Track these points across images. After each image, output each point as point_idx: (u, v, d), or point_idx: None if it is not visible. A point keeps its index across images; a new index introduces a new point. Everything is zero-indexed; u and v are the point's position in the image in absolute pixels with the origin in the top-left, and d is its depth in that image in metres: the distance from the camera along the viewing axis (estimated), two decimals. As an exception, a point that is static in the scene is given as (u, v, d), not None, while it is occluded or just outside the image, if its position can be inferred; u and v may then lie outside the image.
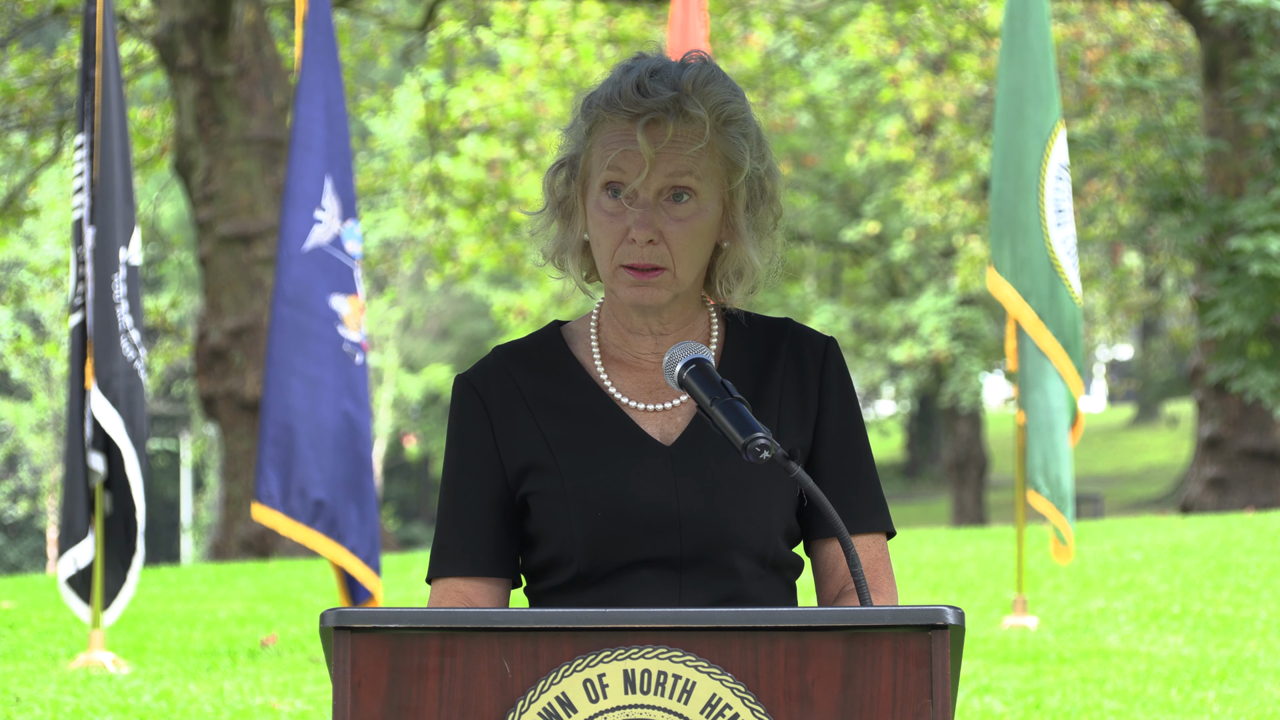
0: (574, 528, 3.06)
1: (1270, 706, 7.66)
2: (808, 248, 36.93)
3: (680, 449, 3.10)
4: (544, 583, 3.13)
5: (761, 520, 3.08)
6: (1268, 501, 21.37)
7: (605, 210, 3.07)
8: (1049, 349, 10.00)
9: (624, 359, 3.17)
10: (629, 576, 3.06)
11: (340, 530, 9.02)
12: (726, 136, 3.07)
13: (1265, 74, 20.57)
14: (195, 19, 18.59)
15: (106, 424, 8.92)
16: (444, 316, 48.82)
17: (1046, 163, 10.10)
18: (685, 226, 3.06)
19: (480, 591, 3.12)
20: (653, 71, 3.06)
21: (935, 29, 25.47)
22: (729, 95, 3.08)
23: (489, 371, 3.17)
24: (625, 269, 3.07)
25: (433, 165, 26.01)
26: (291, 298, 9.15)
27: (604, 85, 3.09)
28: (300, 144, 9.30)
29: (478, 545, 3.12)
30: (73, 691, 8.17)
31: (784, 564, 3.14)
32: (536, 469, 3.10)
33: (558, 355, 3.18)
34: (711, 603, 3.06)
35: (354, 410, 9.16)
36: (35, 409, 43.45)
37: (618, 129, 3.05)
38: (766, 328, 3.20)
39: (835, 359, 3.19)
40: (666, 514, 3.06)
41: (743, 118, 3.09)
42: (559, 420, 3.12)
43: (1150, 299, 37.66)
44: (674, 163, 3.04)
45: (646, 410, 3.14)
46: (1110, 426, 54.33)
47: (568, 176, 3.14)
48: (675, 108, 3.03)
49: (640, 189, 3.04)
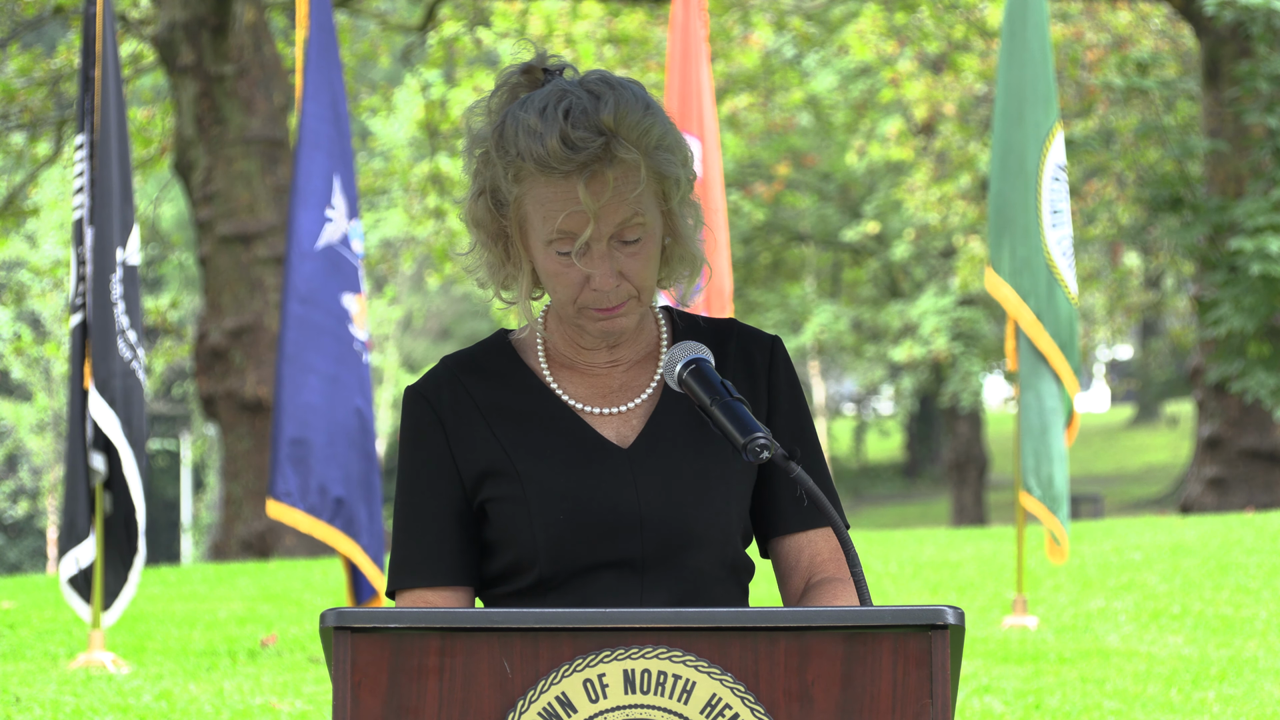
0: (535, 532, 3.05)
1: (1270, 706, 7.66)
2: (808, 248, 36.93)
3: (638, 451, 3.10)
4: (503, 588, 3.12)
5: (722, 519, 3.09)
6: (1268, 501, 21.37)
7: (559, 263, 3.03)
8: (1046, 349, 10.00)
9: (575, 365, 3.15)
10: (590, 580, 3.06)
11: (356, 529, 9.04)
12: (657, 160, 3.02)
13: (1265, 74, 20.58)
14: (195, 19, 18.59)
15: (104, 424, 8.91)
16: (444, 316, 48.83)
17: (1044, 163, 10.10)
18: (640, 259, 3.03)
19: (445, 600, 3.10)
20: (569, 116, 2.97)
21: (935, 29, 25.47)
22: (647, 115, 3.00)
23: (440, 381, 3.16)
24: (591, 309, 3.05)
25: (433, 165, 26.01)
26: (305, 295, 9.14)
27: (520, 127, 2.99)
28: (309, 142, 9.29)
29: (438, 554, 3.10)
30: (73, 691, 8.17)
31: (741, 565, 3.15)
32: (494, 475, 3.09)
33: (508, 363, 3.17)
34: (672, 602, 3.06)
35: (364, 408, 9.17)
36: (35, 409, 43.46)
37: (553, 188, 2.98)
38: (713, 329, 3.21)
39: (782, 357, 3.20)
40: (628, 515, 3.06)
41: (664, 132, 3.03)
42: (514, 426, 3.11)
43: (1150, 299, 37.67)
44: (619, 211, 2.99)
45: (601, 414, 3.13)
46: (1110, 426, 54.33)
47: (492, 204, 3.07)
48: (608, 155, 2.97)
49: (594, 242, 3.00)
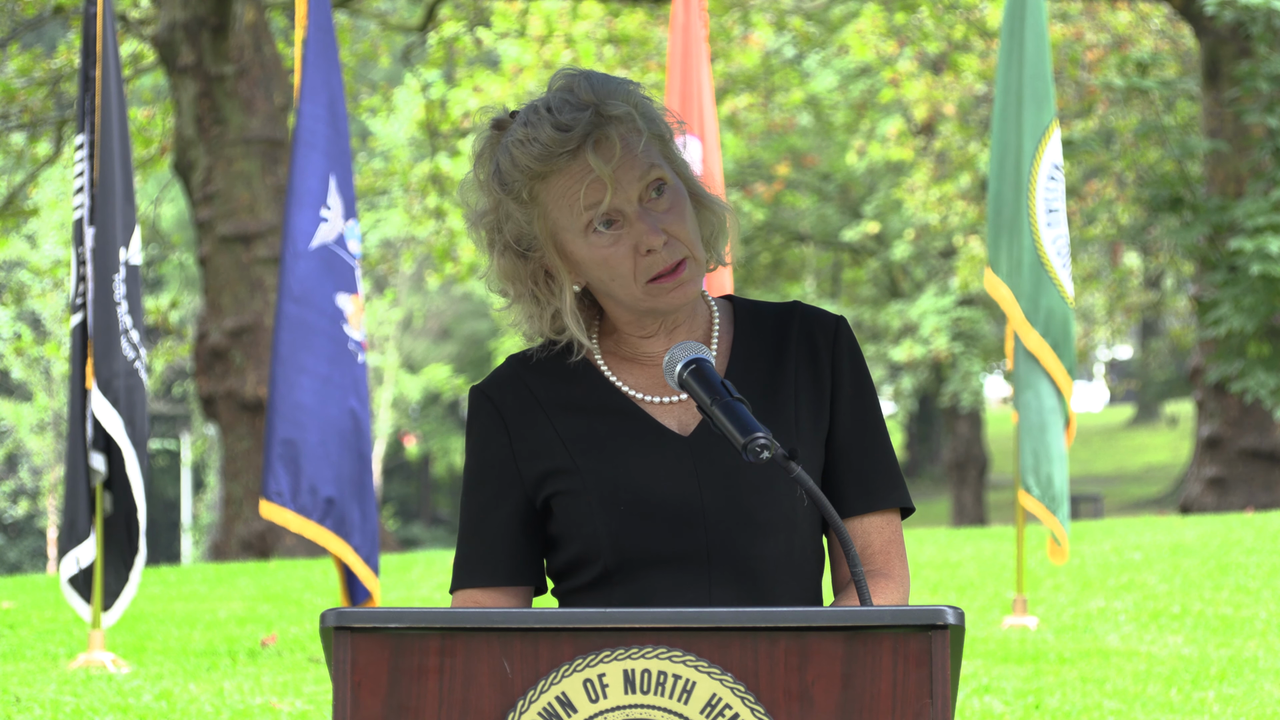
0: (598, 524, 3.07)
1: (1270, 706, 7.66)
2: (808, 248, 36.93)
3: (698, 439, 3.11)
4: (570, 582, 3.14)
5: (785, 505, 3.09)
6: (1268, 501, 21.37)
7: (603, 246, 3.06)
8: (1035, 348, 10.00)
9: (632, 357, 3.18)
10: (657, 572, 3.07)
11: (347, 529, 9.03)
12: (648, 116, 3.08)
13: (1265, 74, 20.57)
14: (195, 19, 18.59)
15: (107, 424, 8.92)
16: (444, 316, 48.81)
17: (1039, 162, 10.10)
18: (676, 211, 3.07)
19: (499, 601, 3.13)
20: (550, 110, 3.04)
21: (935, 29, 25.47)
22: (620, 84, 3.08)
23: (503, 380, 3.19)
24: (654, 281, 3.07)
25: (433, 165, 26.01)
26: (299, 296, 9.15)
27: (516, 146, 3.05)
28: (305, 142, 9.29)
29: (497, 555, 3.13)
30: (73, 691, 8.17)
31: (813, 553, 3.14)
32: (556, 472, 3.11)
33: (569, 359, 3.19)
34: (741, 595, 3.07)
35: (358, 409, 9.17)
36: (35, 409, 43.45)
37: (565, 174, 3.04)
38: (775, 313, 3.22)
39: (846, 337, 3.19)
40: (690, 504, 3.07)
41: (639, 96, 3.10)
42: (575, 420, 3.13)
43: (1150, 299, 37.67)
44: (635, 166, 3.04)
45: (661, 403, 3.15)
46: (1110, 426, 54.33)
47: (520, 254, 3.12)
48: (601, 119, 3.02)
49: (624, 206, 3.04)
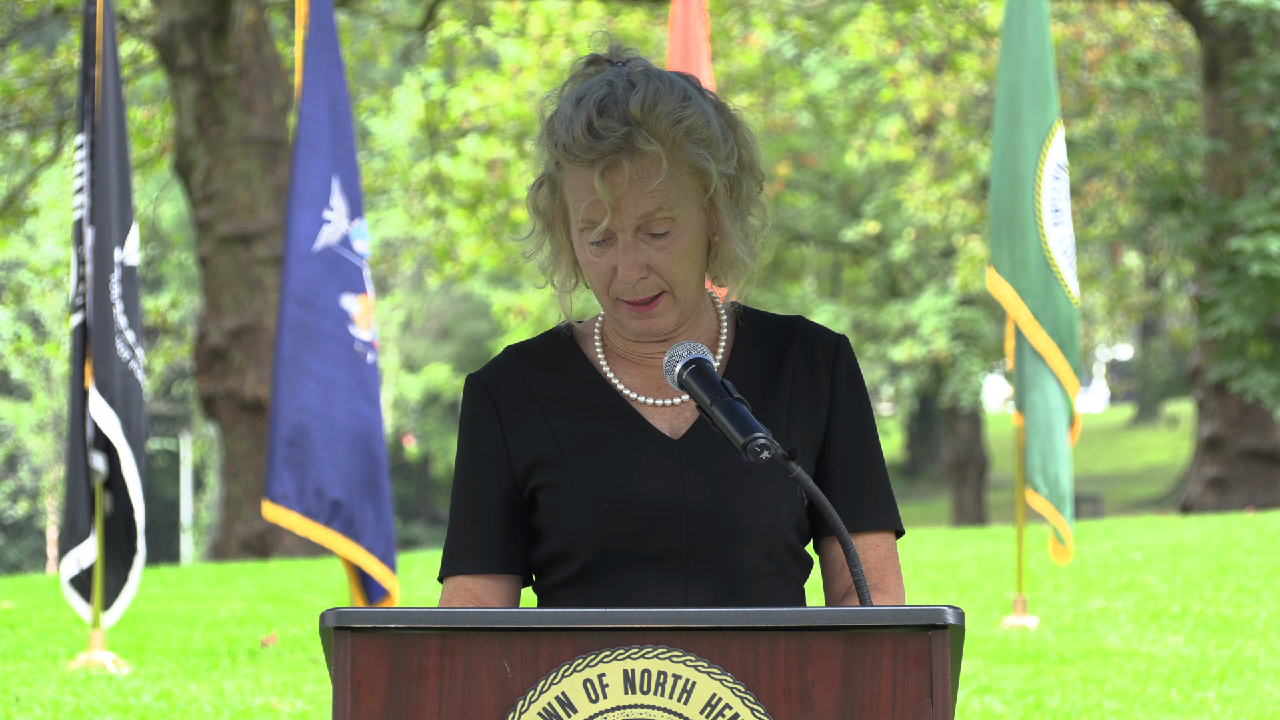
0: (580, 520, 3.07)
1: (1270, 706, 7.66)
2: (808, 248, 36.91)
3: (688, 443, 3.11)
4: (550, 577, 3.14)
5: (769, 514, 3.08)
6: (1268, 501, 21.37)
7: (591, 252, 3.07)
8: (1044, 349, 10.00)
9: (631, 357, 3.18)
10: (635, 571, 3.07)
11: (357, 529, 9.04)
12: (687, 152, 3.03)
13: (1265, 74, 20.57)
14: (195, 19, 18.58)
15: (104, 424, 8.92)
16: (444, 316, 48.81)
17: (1043, 162, 10.09)
18: (670, 253, 3.05)
19: (489, 589, 3.13)
20: (600, 105, 3.01)
21: (935, 29, 25.46)
22: (680, 107, 3.02)
23: (500, 370, 3.19)
24: (624, 303, 3.08)
25: (433, 165, 26.01)
26: (302, 298, 9.15)
27: (560, 116, 3.06)
28: (306, 143, 9.28)
29: (487, 544, 3.14)
30: (73, 691, 8.17)
31: (793, 560, 3.13)
32: (544, 464, 3.12)
33: (567, 353, 3.19)
34: (717, 597, 3.06)
35: (367, 409, 9.17)
36: (35, 409, 43.44)
37: (578, 176, 3.04)
38: (777, 326, 3.21)
39: (846, 356, 3.19)
40: (673, 506, 3.07)
41: (700, 124, 3.04)
42: (568, 416, 3.14)
43: (1150, 299, 37.67)
44: (640, 203, 3.01)
45: (655, 405, 3.15)
46: (1110, 426, 54.32)
47: (549, 191, 3.13)
48: (628, 145, 2.99)
49: (619, 232, 3.04)
